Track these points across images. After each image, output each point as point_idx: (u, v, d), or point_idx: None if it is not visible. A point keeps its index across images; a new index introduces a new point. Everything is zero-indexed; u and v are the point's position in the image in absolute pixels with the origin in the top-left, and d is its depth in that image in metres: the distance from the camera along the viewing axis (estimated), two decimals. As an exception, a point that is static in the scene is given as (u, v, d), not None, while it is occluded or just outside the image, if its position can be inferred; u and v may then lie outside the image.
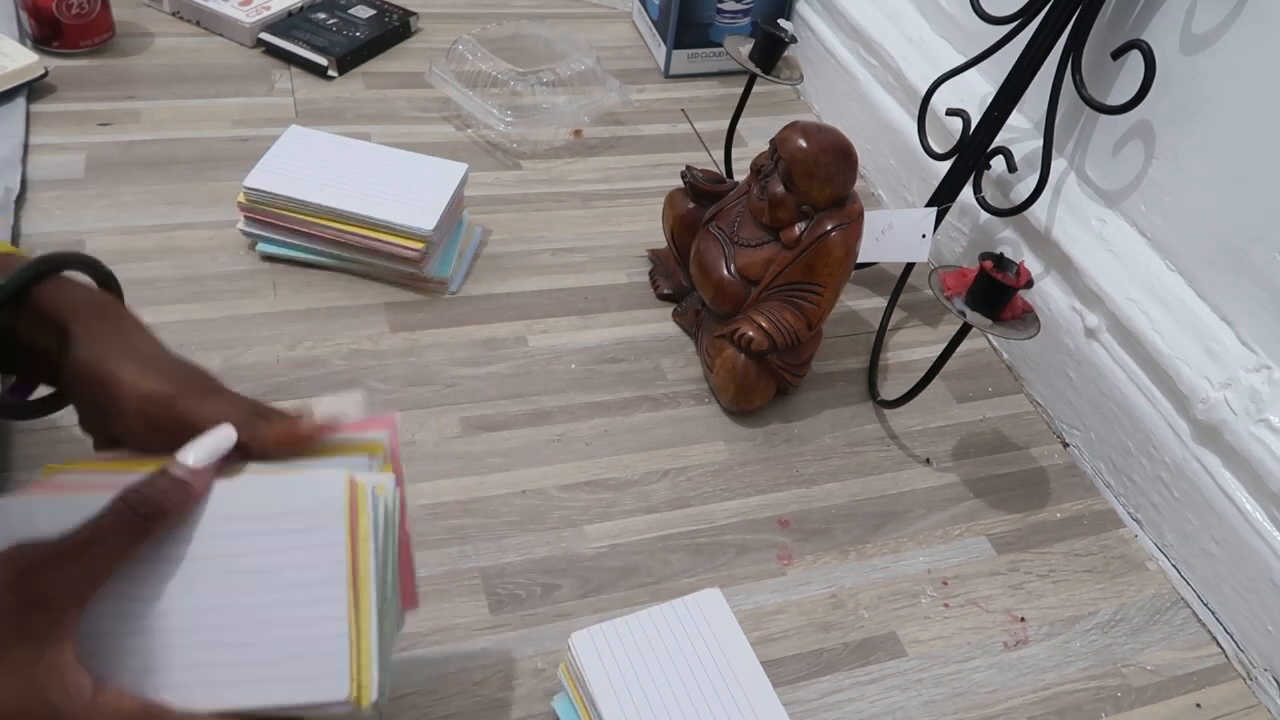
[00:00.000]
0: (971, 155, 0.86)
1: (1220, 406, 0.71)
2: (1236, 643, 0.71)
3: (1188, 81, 0.73)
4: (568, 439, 0.76)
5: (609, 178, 1.03)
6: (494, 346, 0.82)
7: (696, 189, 0.84)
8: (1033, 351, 0.88)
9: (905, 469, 0.79)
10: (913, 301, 0.95)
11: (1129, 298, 0.78)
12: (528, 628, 0.64)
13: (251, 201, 0.82)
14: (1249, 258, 0.71)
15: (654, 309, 0.89)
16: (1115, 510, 0.80)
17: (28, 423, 0.69)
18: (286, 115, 1.01)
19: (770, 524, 0.73)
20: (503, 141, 1.03)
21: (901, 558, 0.73)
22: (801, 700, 0.63)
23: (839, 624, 0.68)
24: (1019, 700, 0.66)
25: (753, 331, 0.75)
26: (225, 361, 0.76)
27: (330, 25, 1.11)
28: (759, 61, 0.88)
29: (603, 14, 1.29)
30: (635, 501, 0.73)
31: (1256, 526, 0.69)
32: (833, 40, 1.14)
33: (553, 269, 0.90)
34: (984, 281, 0.68)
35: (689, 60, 1.19)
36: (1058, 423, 0.86)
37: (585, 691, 0.56)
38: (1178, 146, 0.75)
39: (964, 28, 0.96)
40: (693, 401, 0.81)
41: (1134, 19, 0.77)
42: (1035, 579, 0.73)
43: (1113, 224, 0.81)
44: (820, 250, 0.74)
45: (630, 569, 0.69)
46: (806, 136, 0.73)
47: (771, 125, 0.80)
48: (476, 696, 0.60)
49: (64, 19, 0.99)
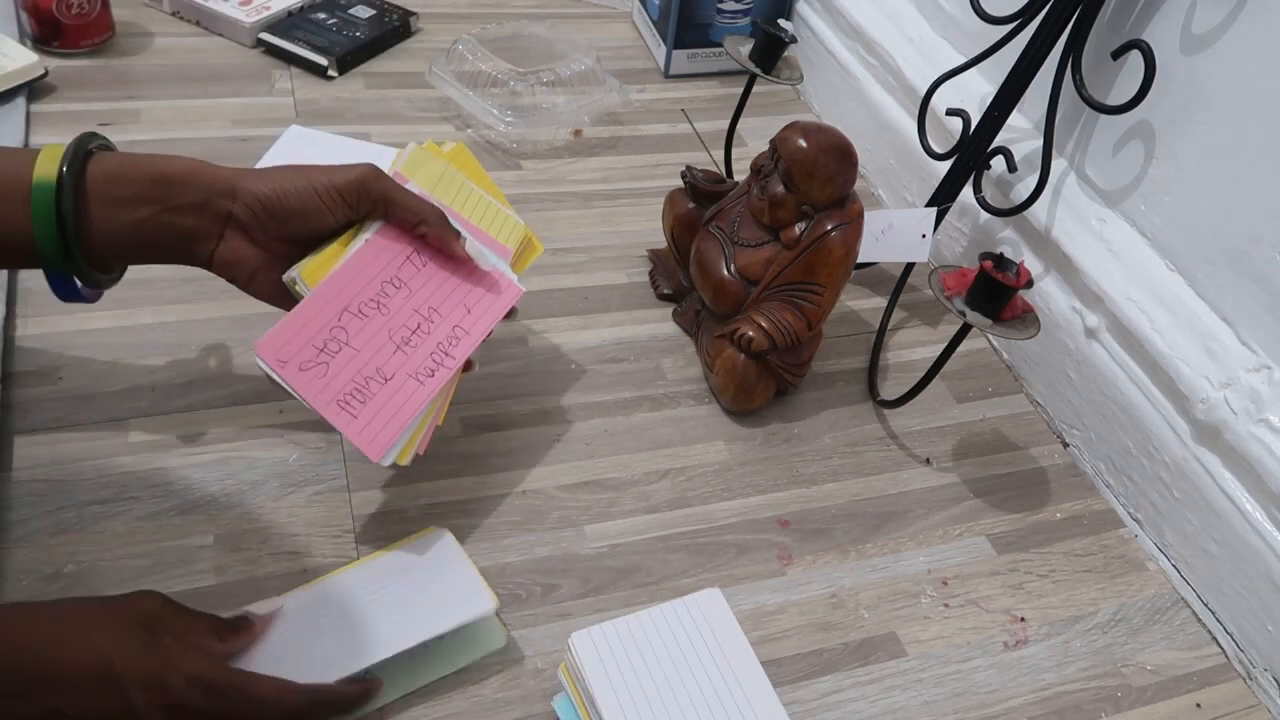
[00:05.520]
0: (971, 155, 0.86)
1: (1220, 406, 0.71)
2: (1236, 643, 0.71)
3: (1187, 81, 0.73)
4: (568, 439, 0.76)
5: (609, 178, 1.03)
6: (494, 346, 0.82)
7: (696, 189, 0.84)
8: (1033, 351, 0.88)
9: (905, 469, 0.79)
10: (913, 301, 0.95)
11: (1129, 298, 0.78)
12: (528, 628, 0.64)
13: (251, 201, 0.82)
14: (1249, 258, 0.71)
15: (654, 309, 0.89)
16: (1115, 510, 0.80)
17: (27, 422, 0.69)
18: (286, 115, 1.01)
19: (770, 524, 0.73)
20: (503, 141, 1.03)
21: (901, 558, 0.73)
22: (801, 700, 0.63)
23: (839, 624, 0.68)
24: (1019, 700, 0.66)
25: (753, 331, 0.75)
26: (225, 361, 0.76)
27: (330, 25, 1.11)
28: (759, 61, 0.88)
29: (603, 14, 1.29)
30: (635, 501, 0.73)
31: (1256, 526, 0.69)
32: (833, 40, 1.14)
33: (553, 269, 0.90)
34: (984, 281, 0.68)
35: (689, 60, 1.19)
36: (1058, 423, 0.86)
37: (585, 691, 0.56)
38: (1177, 146, 0.75)
39: (964, 28, 0.96)
40: (693, 401, 0.81)
41: (1134, 19, 0.77)
42: (1035, 579, 0.73)
43: (1113, 224, 0.81)
44: (820, 250, 0.74)
45: (630, 569, 0.69)
46: (806, 136, 0.73)
47: (771, 125, 0.80)
48: (476, 696, 0.60)
49: (64, 19, 0.99)
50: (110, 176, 0.55)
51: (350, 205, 0.60)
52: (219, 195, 0.57)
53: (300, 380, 0.58)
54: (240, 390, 0.74)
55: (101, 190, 0.55)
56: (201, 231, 0.58)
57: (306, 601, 0.59)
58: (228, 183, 0.58)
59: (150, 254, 0.59)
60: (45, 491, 0.66)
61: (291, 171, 0.59)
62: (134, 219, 0.56)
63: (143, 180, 0.56)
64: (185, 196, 0.56)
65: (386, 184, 0.61)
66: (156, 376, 0.74)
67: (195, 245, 0.58)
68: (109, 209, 0.55)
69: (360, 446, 0.59)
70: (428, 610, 0.59)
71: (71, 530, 0.64)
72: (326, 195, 0.59)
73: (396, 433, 0.60)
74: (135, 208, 0.55)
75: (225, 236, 0.59)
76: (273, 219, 0.58)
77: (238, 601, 0.60)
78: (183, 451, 0.70)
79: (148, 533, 0.64)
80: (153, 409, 0.72)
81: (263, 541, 0.65)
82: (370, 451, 0.59)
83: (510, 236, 0.70)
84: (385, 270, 0.62)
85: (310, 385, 0.58)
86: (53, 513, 0.65)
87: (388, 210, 0.61)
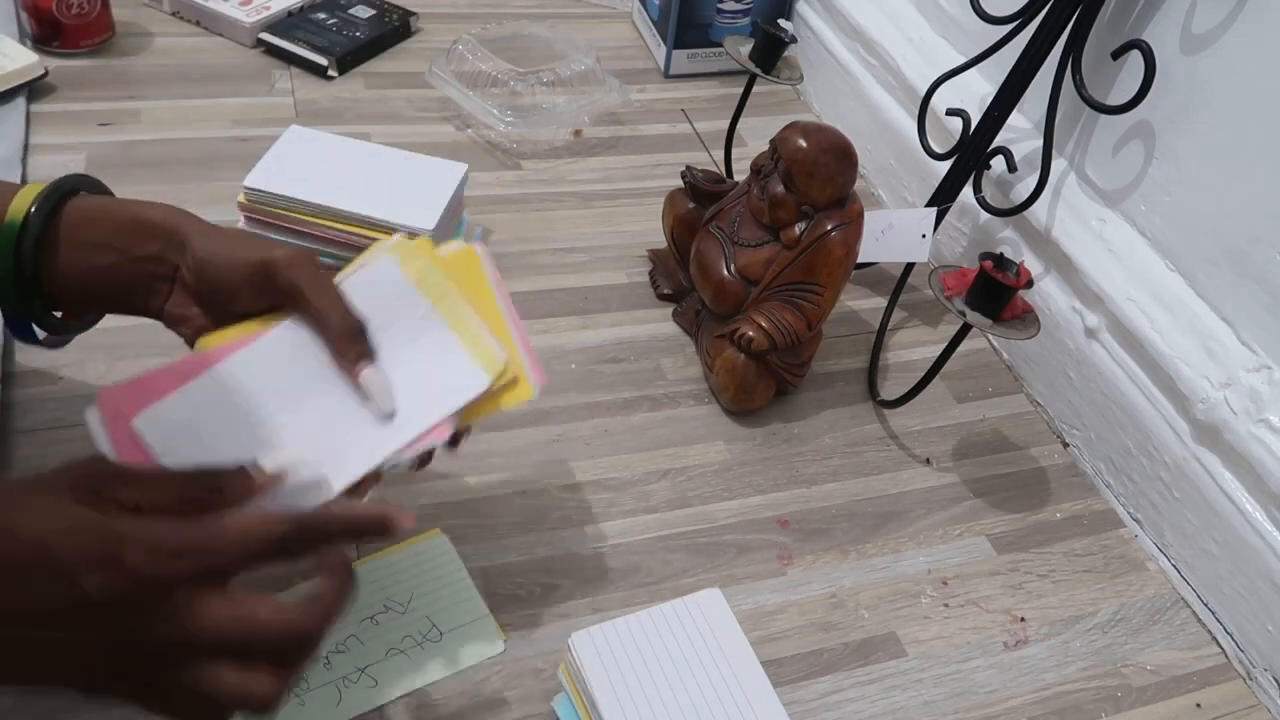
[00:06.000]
0: (971, 155, 0.86)
1: (1220, 406, 0.71)
2: (1236, 643, 0.71)
3: (1187, 81, 0.73)
4: (568, 439, 0.76)
5: (609, 178, 1.03)
6: (494, 346, 0.82)
7: (696, 189, 0.84)
8: (1033, 351, 0.88)
9: (905, 469, 0.79)
10: (913, 301, 0.95)
11: (1129, 298, 0.78)
12: (528, 628, 0.64)
13: (251, 201, 0.82)
14: (1249, 258, 0.71)
15: (654, 309, 0.89)
16: (1115, 510, 0.80)
17: (27, 422, 0.69)
18: (286, 115, 1.01)
19: (770, 524, 0.73)
20: (503, 141, 1.03)
21: (901, 558, 0.73)
22: (801, 700, 0.63)
23: (839, 624, 0.68)
24: (1019, 700, 0.66)
25: (753, 331, 0.75)
26: (225, 361, 0.76)
27: (330, 25, 1.11)
28: (759, 61, 0.88)
29: (603, 14, 1.29)
30: (635, 501, 0.73)
31: (1256, 526, 0.69)
32: (833, 40, 1.14)
33: (553, 269, 0.90)
34: (984, 281, 0.68)
35: (689, 60, 1.19)
36: (1058, 423, 0.86)
37: (585, 691, 0.56)
38: (1177, 146, 0.75)
39: (964, 28, 0.96)
40: (693, 401, 0.81)
41: (1134, 19, 0.77)
42: (1035, 579, 0.73)
43: (1113, 224, 0.81)
44: (820, 250, 0.74)
45: (630, 569, 0.69)
46: (806, 136, 0.73)
47: (771, 125, 0.80)
48: (476, 696, 0.60)
49: (64, 19, 0.99)
50: (84, 220, 0.53)
51: (256, 288, 0.53)
52: (173, 248, 0.54)
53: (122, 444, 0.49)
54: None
55: (71, 234, 0.53)
56: (155, 284, 0.55)
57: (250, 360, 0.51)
58: (184, 237, 0.54)
59: (111, 302, 0.56)
60: (45, 491, 0.65)
61: (235, 239, 0.54)
62: (98, 265, 0.54)
63: (113, 226, 0.54)
64: (147, 247, 0.54)
65: (300, 273, 0.52)
66: (156, 376, 0.74)
67: (149, 298, 0.55)
68: (76, 253, 0.53)
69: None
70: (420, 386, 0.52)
71: (71, 530, 0.64)
72: (243, 271, 0.53)
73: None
74: (101, 253, 0.53)
75: (174, 292, 0.55)
76: (204, 285, 0.54)
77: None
78: (183, 451, 0.69)
79: (148, 533, 0.64)
80: (153, 409, 0.72)
81: (263, 541, 0.65)
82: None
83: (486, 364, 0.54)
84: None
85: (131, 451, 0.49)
86: (53, 513, 0.64)
87: (296, 304, 0.53)
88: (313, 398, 0.52)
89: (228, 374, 0.52)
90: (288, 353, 0.52)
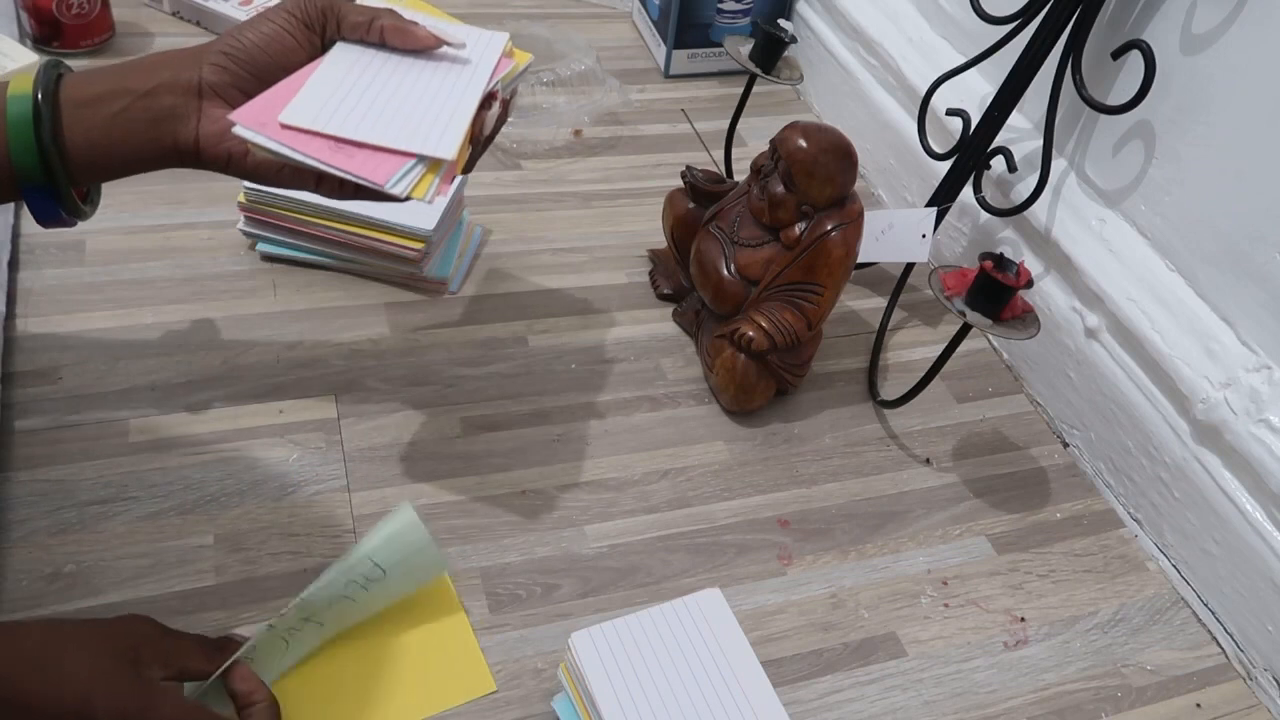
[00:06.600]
0: (971, 155, 0.86)
1: (1220, 406, 0.71)
2: (1236, 643, 0.71)
3: (1188, 81, 0.73)
4: (568, 439, 0.76)
5: (609, 178, 1.03)
6: (494, 346, 0.82)
7: (696, 189, 0.84)
8: (1033, 351, 0.88)
9: (905, 469, 0.79)
10: (913, 301, 0.95)
11: (1129, 298, 0.78)
12: (528, 628, 0.64)
13: (251, 201, 0.82)
14: (1249, 258, 0.71)
15: (654, 309, 0.89)
16: (1115, 510, 0.80)
17: (27, 422, 0.69)
18: (286, 115, 1.01)
19: (770, 524, 0.73)
20: (503, 141, 1.03)
21: (901, 558, 0.73)
22: (801, 700, 0.63)
23: (839, 624, 0.68)
24: (1019, 700, 0.66)
25: (753, 331, 0.75)
26: (225, 361, 0.76)
27: (330, 25, 1.11)
28: (759, 61, 0.88)
29: (603, 14, 1.29)
30: (635, 501, 0.73)
31: (1256, 526, 0.69)
32: (833, 40, 1.14)
33: (553, 269, 0.90)
34: (984, 281, 0.68)
35: (689, 60, 1.19)
36: (1058, 423, 0.86)
37: (585, 691, 0.56)
38: (1178, 146, 0.75)
39: (964, 28, 0.96)
40: (693, 401, 0.81)
41: (1134, 19, 0.77)
42: (1035, 579, 0.73)
43: (1113, 224, 0.81)
44: (820, 250, 0.74)
45: (630, 569, 0.69)
46: (806, 136, 0.73)
47: (771, 125, 0.80)
48: (476, 696, 0.60)
49: (64, 19, 0.99)
50: (84, 81, 0.54)
51: (305, 24, 0.57)
52: (184, 67, 0.55)
53: (286, 136, 0.53)
54: (240, 390, 0.74)
55: (74, 94, 0.53)
56: (179, 109, 0.55)
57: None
58: (190, 53, 0.56)
59: (133, 151, 0.55)
60: (45, 491, 0.66)
61: (245, 22, 0.57)
62: (110, 113, 0.54)
63: (113, 74, 0.55)
64: (156, 78, 0.54)
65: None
66: (156, 376, 0.74)
67: (178, 128, 0.55)
68: (83, 110, 0.53)
69: (365, 176, 0.53)
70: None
71: (71, 530, 0.64)
72: (286, 25, 0.57)
73: (401, 161, 0.54)
74: (110, 101, 0.54)
75: (203, 109, 0.55)
76: (242, 68, 0.55)
77: (238, 601, 0.61)
78: (183, 451, 0.70)
79: (148, 533, 0.64)
80: (153, 409, 0.72)
81: (263, 542, 0.65)
82: (376, 177, 0.53)
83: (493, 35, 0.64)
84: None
85: (297, 139, 0.54)
86: (53, 513, 0.65)
87: (340, 18, 0.58)
88: (399, 76, 0.58)
89: (333, 64, 0.57)
90: (354, 58, 0.58)
